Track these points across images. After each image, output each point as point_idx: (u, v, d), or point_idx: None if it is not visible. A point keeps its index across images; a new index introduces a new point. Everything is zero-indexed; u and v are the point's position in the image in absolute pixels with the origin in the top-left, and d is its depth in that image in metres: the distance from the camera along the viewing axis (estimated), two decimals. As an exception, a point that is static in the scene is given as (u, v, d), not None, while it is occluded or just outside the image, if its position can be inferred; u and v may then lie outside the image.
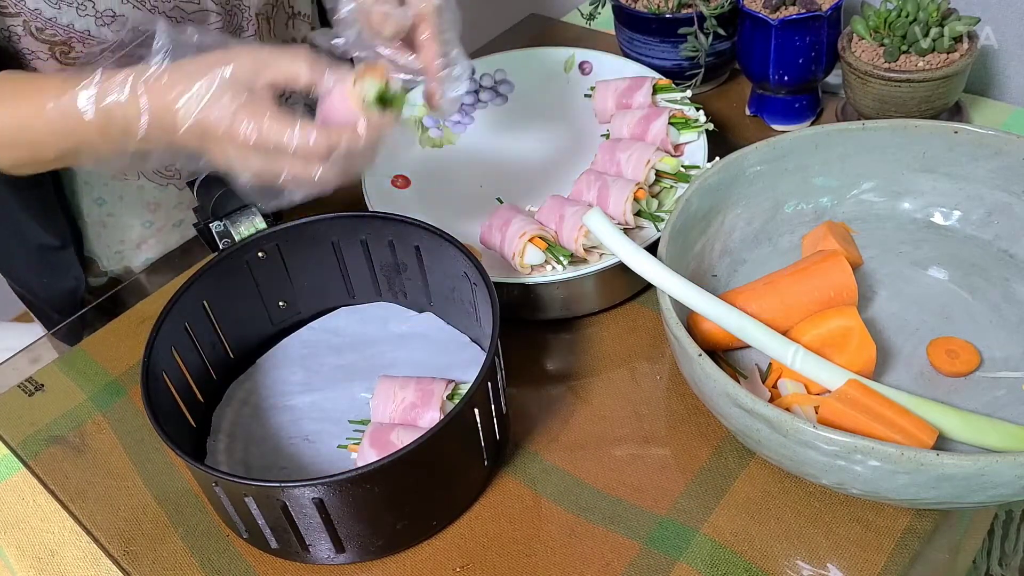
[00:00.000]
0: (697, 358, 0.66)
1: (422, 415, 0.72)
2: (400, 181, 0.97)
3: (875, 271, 0.82)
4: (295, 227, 0.80)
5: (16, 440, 0.82)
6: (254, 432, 0.78)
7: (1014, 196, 0.80)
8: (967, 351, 0.74)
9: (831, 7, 0.95)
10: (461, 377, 0.76)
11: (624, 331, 0.84)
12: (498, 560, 0.68)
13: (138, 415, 0.83)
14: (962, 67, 0.90)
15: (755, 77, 1.01)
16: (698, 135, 0.91)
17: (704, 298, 0.71)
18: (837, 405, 0.66)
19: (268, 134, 0.62)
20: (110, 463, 0.79)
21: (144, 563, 0.72)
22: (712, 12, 0.99)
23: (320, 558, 0.69)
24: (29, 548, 0.75)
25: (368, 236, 0.82)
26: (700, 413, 0.76)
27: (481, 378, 0.66)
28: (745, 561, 0.66)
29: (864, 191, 0.86)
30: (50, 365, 0.89)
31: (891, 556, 0.66)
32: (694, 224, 0.80)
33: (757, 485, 0.71)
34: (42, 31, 0.80)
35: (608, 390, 0.79)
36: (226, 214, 0.80)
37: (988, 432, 0.67)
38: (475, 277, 0.75)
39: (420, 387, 0.74)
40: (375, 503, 0.65)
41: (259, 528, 0.67)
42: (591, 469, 0.73)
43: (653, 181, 0.88)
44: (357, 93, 0.65)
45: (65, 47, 0.82)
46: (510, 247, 0.82)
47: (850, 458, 0.60)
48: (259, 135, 0.62)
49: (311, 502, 0.63)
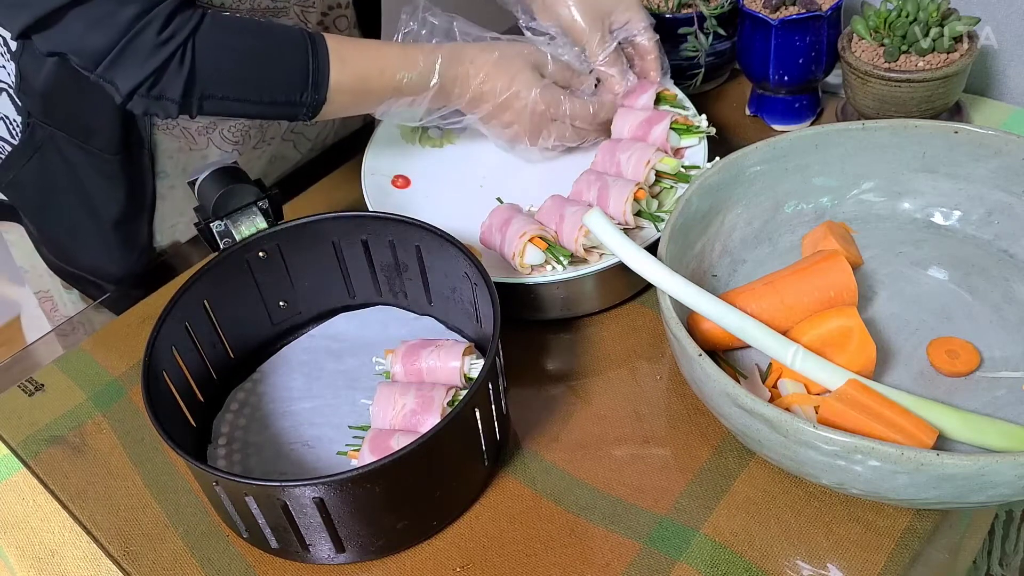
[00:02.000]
0: (697, 358, 0.66)
1: (423, 421, 0.72)
2: (400, 181, 0.97)
3: (875, 271, 0.82)
4: (296, 227, 0.80)
5: (16, 440, 0.82)
6: (254, 438, 0.78)
7: (1014, 196, 0.80)
8: (967, 351, 0.74)
9: (831, 7, 0.95)
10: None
11: (624, 331, 0.84)
12: (498, 560, 0.68)
13: (138, 415, 0.83)
14: (962, 67, 0.90)
15: (755, 77, 1.01)
16: (699, 140, 0.91)
17: (704, 298, 0.71)
18: (837, 405, 0.66)
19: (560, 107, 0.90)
20: (110, 463, 0.79)
21: (144, 563, 0.72)
22: (712, 12, 0.99)
23: (320, 558, 0.69)
24: (29, 548, 0.75)
25: (369, 236, 0.81)
26: (700, 413, 0.76)
27: (482, 379, 0.66)
28: (745, 561, 0.66)
29: (864, 191, 0.86)
30: (50, 365, 0.89)
31: (891, 556, 0.66)
32: (694, 224, 0.80)
33: (757, 485, 0.71)
34: None
35: (608, 390, 0.79)
36: (227, 213, 0.80)
37: (988, 432, 0.67)
38: (476, 277, 0.75)
39: (420, 393, 0.73)
40: (375, 503, 0.65)
41: (259, 528, 0.67)
42: (591, 469, 0.73)
43: (653, 181, 0.88)
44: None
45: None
46: (510, 247, 0.82)
47: (850, 458, 0.60)
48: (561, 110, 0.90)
49: (311, 502, 0.63)
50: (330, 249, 0.82)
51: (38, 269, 1.10)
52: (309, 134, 1.11)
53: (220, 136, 1.00)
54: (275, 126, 1.04)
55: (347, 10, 1.04)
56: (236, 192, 0.80)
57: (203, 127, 0.98)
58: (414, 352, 0.77)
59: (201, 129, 0.98)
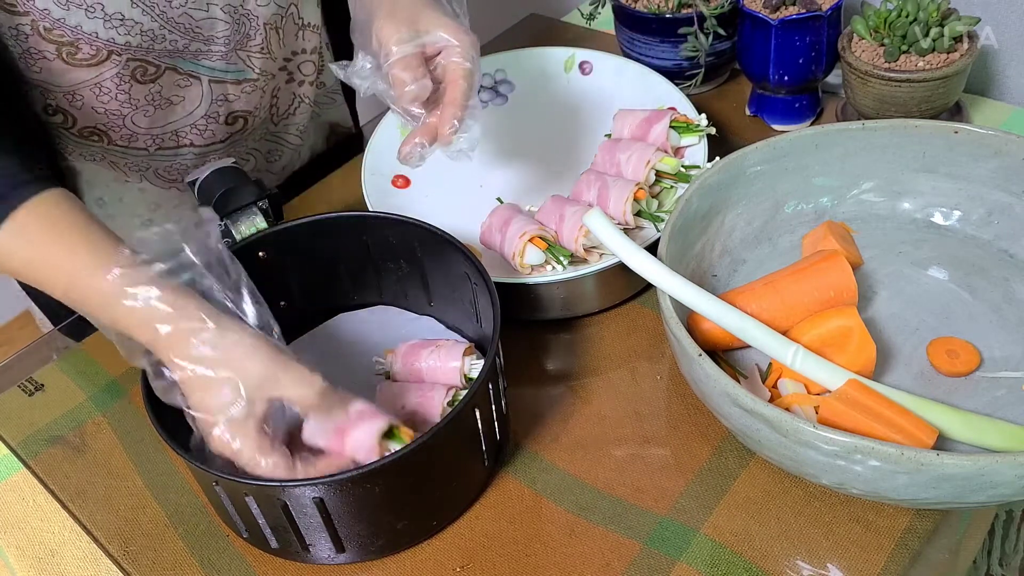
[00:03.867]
0: (697, 358, 0.66)
1: (423, 421, 0.72)
2: (400, 181, 0.97)
3: (875, 271, 0.82)
4: (296, 227, 0.80)
5: (16, 440, 0.82)
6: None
7: (1014, 196, 0.80)
8: (967, 351, 0.74)
9: (831, 7, 0.95)
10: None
11: (624, 331, 0.84)
12: (498, 560, 0.68)
13: (138, 415, 0.83)
14: (962, 67, 0.90)
15: (755, 77, 1.01)
16: (699, 139, 0.91)
17: (704, 298, 0.71)
18: (837, 405, 0.66)
19: (242, 458, 0.63)
20: (110, 463, 0.79)
21: (144, 563, 0.72)
22: (712, 12, 0.99)
23: (320, 558, 0.68)
24: (29, 548, 0.75)
25: (369, 236, 0.81)
26: (700, 413, 0.76)
27: (482, 379, 0.66)
28: (745, 561, 0.66)
29: (864, 191, 0.86)
30: (50, 365, 0.89)
31: (891, 556, 0.66)
32: (694, 224, 0.80)
33: (757, 485, 0.71)
34: (50, 31, 0.80)
35: (608, 390, 0.79)
36: (227, 213, 0.80)
37: (988, 432, 0.67)
38: (476, 277, 0.75)
39: (420, 393, 0.73)
40: (376, 503, 0.65)
41: (259, 528, 0.67)
42: (591, 469, 0.73)
43: (653, 181, 0.88)
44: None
45: (72, 48, 0.82)
46: (510, 247, 0.82)
47: (850, 458, 0.60)
48: (234, 456, 0.63)
49: (311, 502, 0.63)
50: (330, 249, 0.82)
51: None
52: (275, 168, 1.09)
53: (155, 174, 0.97)
54: None
55: (313, 55, 1.00)
56: (236, 192, 0.80)
57: (134, 164, 0.95)
58: (414, 352, 0.77)
59: (132, 165, 0.96)
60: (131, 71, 0.86)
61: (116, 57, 0.84)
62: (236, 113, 0.97)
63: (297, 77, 1.01)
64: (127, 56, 0.84)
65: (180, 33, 0.85)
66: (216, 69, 0.91)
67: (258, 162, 1.06)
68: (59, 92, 0.86)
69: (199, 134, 0.95)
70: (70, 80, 0.85)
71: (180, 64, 0.88)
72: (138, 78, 0.87)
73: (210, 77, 0.91)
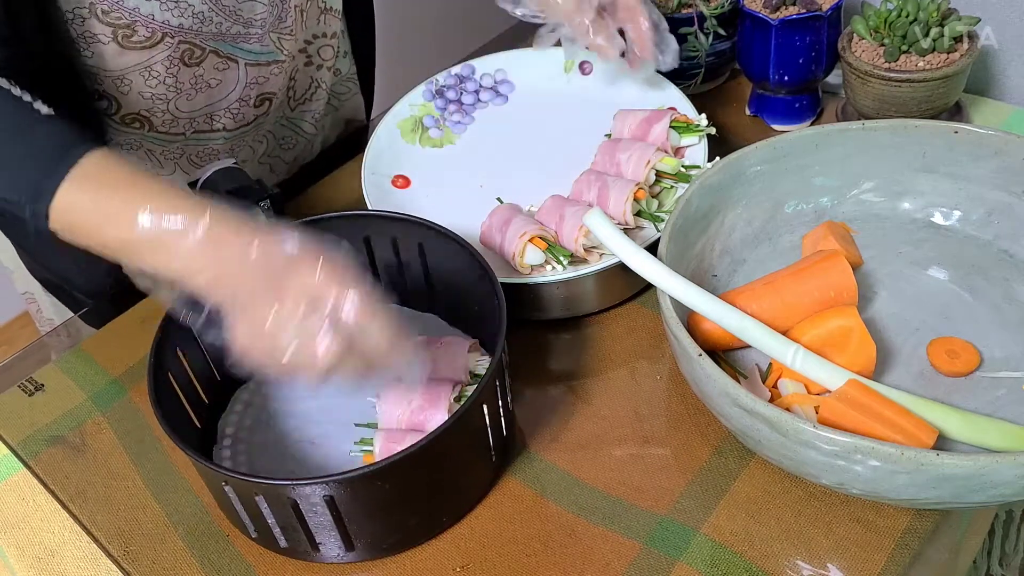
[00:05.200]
0: (697, 358, 0.66)
1: (430, 418, 0.72)
2: (400, 181, 0.97)
3: (875, 271, 0.82)
4: (297, 226, 0.80)
5: (16, 440, 0.82)
6: (259, 438, 0.78)
7: (1014, 196, 0.80)
8: (967, 351, 0.74)
9: (831, 7, 0.95)
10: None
11: (624, 331, 0.84)
12: (498, 560, 0.68)
13: (138, 415, 0.83)
14: (962, 67, 0.90)
15: (755, 77, 1.01)
16: (699, 139, 0.91)
17: (704, 298, 0.71)
18: (837, 405, 0.66)
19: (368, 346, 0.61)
20: (110, 463, 0.79)
21: (144, 563, 0.72)
22: (712, 12, 0.99)
23: (329, 556, 0.68)
24: (29, 548, 0.75)
25: (371, 234, 0.81)
26: (700, 413, 0.76)
27: (491, 374, 0.66)
28: (745, 561, 0.66)
29: (864, 191, 0.86)
30: (50, 365, 0.89)
31: (891, 556, 0.66)
32: (694, 224, 0.80)
33: (757, 485, 0.71)
34: (108, 13, 0.81)
35: (608, 390, 0.79)
36: (227, 214, 0.80)
37: (988, 432, 0.67)
38: (479, 274, 0.75)
39: (427, 389, 0.73)
40: (386, 500, 0.65)
41: (269, 528, 0.67)
42: (591, 469, 0.73)
43: (653, 181, 0.88)
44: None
45: (128, 30, 0.83)
46: (510, 247, 0.82)
47: (850, 458, 0.60)
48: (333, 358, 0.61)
49: (322, 500, 0.63)
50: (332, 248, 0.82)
51: (23, 269, 1.09)
52: (286, 157, 1.10)
53: (188, 161, 0.98)
54: (247, 148, 1.03)
55: (332, 40, 1.02)
56: (238, 192, 0.80)
57: (169, 152, 0.96)
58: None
59: (168, 153, 0.96)
60: (180, 54, 0.87)
61: (169, 40, 0.85)
62: (264, 95, 0.98)
63: (315, 61, 1.02)
64: (179, 39, 0.86)
65: (225, 15, 0.87)
66: (252, 52, 0.92)
67: (270, 146, 1.07)
68: (108, 77, 0.87)
69: (232, 117, 0.96)
70: (121, 64, 0.86)
71: (221, 47, 0.90)
72: (186, 61, 0.88)
73: (246, 60, 0.93)
